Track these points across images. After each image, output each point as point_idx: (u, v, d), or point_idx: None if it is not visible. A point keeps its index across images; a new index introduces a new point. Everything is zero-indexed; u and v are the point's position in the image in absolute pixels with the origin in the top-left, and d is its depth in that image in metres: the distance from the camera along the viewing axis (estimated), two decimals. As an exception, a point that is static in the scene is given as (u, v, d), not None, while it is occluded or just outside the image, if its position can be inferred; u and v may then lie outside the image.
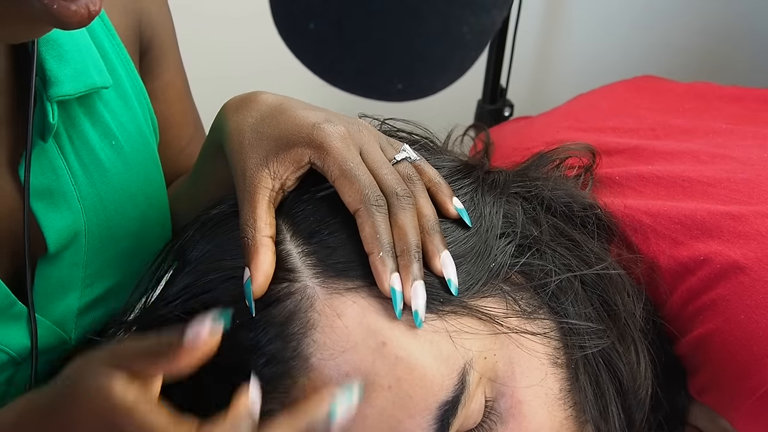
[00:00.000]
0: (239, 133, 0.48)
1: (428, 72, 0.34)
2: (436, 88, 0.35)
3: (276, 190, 0.45)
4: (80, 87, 0.49)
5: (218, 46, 1.02)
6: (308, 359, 0.42)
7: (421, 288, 0.42)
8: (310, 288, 0.43)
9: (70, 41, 0.49)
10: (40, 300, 0.49)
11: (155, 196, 0.58)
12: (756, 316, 0.46)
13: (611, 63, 1.21)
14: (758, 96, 0.68)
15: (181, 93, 0.67)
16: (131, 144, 0.55)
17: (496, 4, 0.32)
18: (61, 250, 0.49)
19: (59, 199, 0.49)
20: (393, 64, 0.33)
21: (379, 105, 0.38)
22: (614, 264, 0.51)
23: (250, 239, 0.43)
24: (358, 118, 0.50)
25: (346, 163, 0.44)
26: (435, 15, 0.31)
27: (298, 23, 0.32)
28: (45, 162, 0.48)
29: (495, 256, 0.46)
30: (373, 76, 0.33)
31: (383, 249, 0.42)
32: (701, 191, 0.53)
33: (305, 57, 0.34)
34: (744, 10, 1.21)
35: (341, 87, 0.34)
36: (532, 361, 0.45)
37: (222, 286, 0.45)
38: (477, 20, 0.32)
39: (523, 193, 0.52)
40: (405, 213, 0.43)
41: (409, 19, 0.31)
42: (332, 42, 0.32)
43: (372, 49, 0.32)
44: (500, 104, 1.08)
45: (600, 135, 0.63)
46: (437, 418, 0.41)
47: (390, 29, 0.31)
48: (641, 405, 0.49)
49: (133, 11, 0.58)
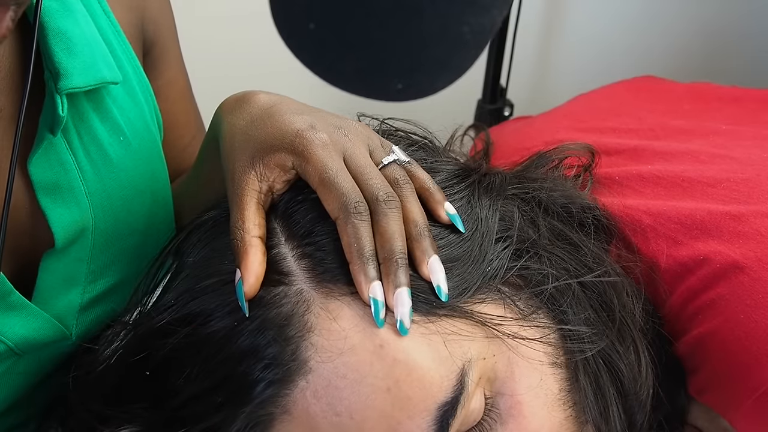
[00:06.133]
0: (231, 135, 0.48)
1: (428, 72, 0.34)
2: (436, 88, 0.35)
3: (264, 192, 0.45)
4: (90, 80, 0.49)
5: (218, 46, 1.02)
6: (307, 362, 0.41)
7: (404, 295, 0.41)
8: (305, 291, 0.43)
9: (79, 35, 0.48)
10: (42, 294, 0.49)
11: (161, 194, 0.58)
12: (756, 316, 0.46)
13: (611, 63, 1.21)
14: (758, 96, 0.68)
15: (183, 92, 0.67)
16: (139, 140, 0.55)
17: (495, 4, 0.32)
18: (67, 245, 0.49)
19: (67, 194, 0.49)
20: (393, 64, 0.33)
21: (379, 105, 0.38)
22: (613, 266, 0.51)
23: (239, 240, 0.43)
24: (351, 119, 0.50)
25: (325, 171, 0.44)
26: (435, 15, 0.31)
27: (299, 23, 0.32)
28: (53, 156, 0.48)
29: (491, 260, 0.46)
30: (373, 76, 0.33)
31: (363, 257, 0.42)
32: (701, 191, 0.53)
33: (305, 57, 0.34)
34: (744, 11, 1.21)
35: (341, 87, 0.34)
36: (532, 362, 0.45)
37: (218, 290, 0.45)
38: (477, 20, 0.32)
39: (521, 195, 0.52)
40: (387, 219, 0.43)
41: (409, 19, 0.31)
42: (332, 42, 0.32)
43: (372, 49, 0.32)
44: (500, 104, 1.08)
45: (600, 135, 0.63)
46: (437, 419, 0.41)
47: (390, 29, 0.31)
48: (642, 405, 0.49)
49: (136, 8, 0.58)
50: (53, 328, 0.50)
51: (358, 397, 0.41)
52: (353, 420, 0.41)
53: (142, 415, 0.47)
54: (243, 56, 1.04)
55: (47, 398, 0.54)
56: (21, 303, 0.48)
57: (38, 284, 0.49)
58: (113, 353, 0.50)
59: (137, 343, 0.47)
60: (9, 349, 0.48)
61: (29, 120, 0.47)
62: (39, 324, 0.49)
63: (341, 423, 0.41)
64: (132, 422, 0.48)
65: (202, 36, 0.87)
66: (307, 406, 0.41)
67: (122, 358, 0.49)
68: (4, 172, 0.46)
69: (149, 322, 0.47)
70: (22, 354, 0.49)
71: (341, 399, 0.41)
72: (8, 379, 0.50)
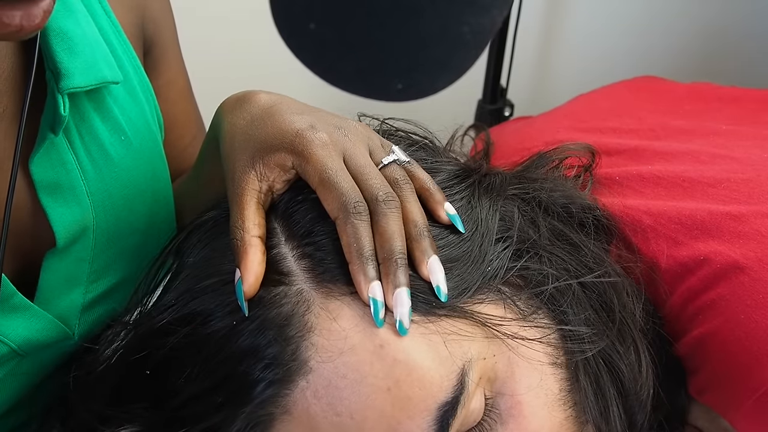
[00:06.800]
0: (231, 135, 0.48)
1: (428, 72, 0.34)
2: (437, 88, 0.35)
3: (264, 191, 0.45)
4: (91, 80, 0.49)
5: (218, 46, 1.02)
6: (307, 362, 0.41)
7: (403, 295, 0.41)
8: (305, 291, 0.43)
9: (80, 35, 0.48)
10: (44, 294, 0.49)
11: (162, 193, 0.58)
12: (756, 316, 0.46)
13: (611, 63, 1.21)
14: (758, 96, 0.68)
15: (183, 92, 0.67)
16: (139, 140, 0.55)
17: (495, 4, 0.32)
18: (69, 245, 0.49)
19: (68, 193, 0.49)
20: (393, 64, 0.33)
21: (379, 105, 0.38)
22: (613, 266, 0.51)
23: (238, 240, 0.43)
24: (351, 119, 0.50)
25: (325, 171, 0.44)
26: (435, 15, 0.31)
27: (299, 23, 0.32)
28: (54, 156, 0.48)
29: (491, 261, 0.46)
30: (373, 76, 0.33)
31: (363, 257, 0.42)
32: (701, 191, 0.53)
33: (305, 57, 0.34)
34: (744, 12, 1.21)
35: (341, 87, 0.34)
36: (532, 362, 0.44)
37: (219, 290, 0.45)
38: (477, 20, 0.32)
39: (521, 195, 0.52)
40: (387, 219, 0.43)
41: (410, 19, 0.31)
42: (332, 42, 0.32)
43: (372, 49, 0.32)
44: (500, 104, 1.08)
45: (600, 135, 0.63)
46: (437, 418, 0.41)
47: (390, 29, 0.31)
48: (642, 406, 0.49)
49: (136, 7, 0.58)
50: (56, 329, 0.50)
51: (358, 397, 0.41)
52: (353, 420, 0.41)
53: (143, 415, 0.47)
54: (243, 56, 1.04)
55: (49, 398, 0.54)
56: (23, 304, 0.48)
57: (40, 284, 0.49)
58: (114, 353, 0.50)
59: (138, 343, 0.47)
60: (12, 351, 0.48)
61: (30, 120, 0.47)
62: (42, 325, 0.49)
63: (341, 423, 0.41)
64: (132, 422, 0.48)
65: (202, 36, 0.87)
66: (308, 406, 0.41)
67: (123, 358, 0.49)
68: (5, 172, 0.46)
69: (149, 322, 0.47)
70: (25, 355, 0.49)
71: (341, 399, 0.41)
72: (11, 380, 0.50)
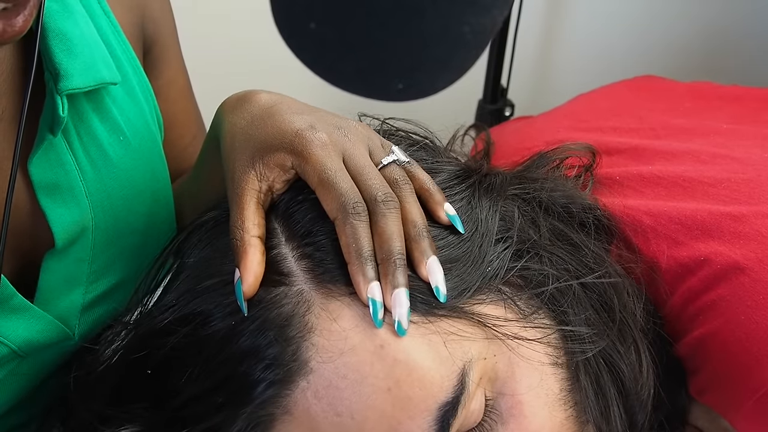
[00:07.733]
0: (231, 135, 0.48)
1: (429, 72, 0.34)
2: (437, 88, 0.35)
3: (263, 191, 0.45)
4: (89, 81, 0.49)
5: (219, 46, 1.02)
6: (308, 362, 0.41)
7: (402, 296, 0.41)
8: (306, 292, 0.43)
9: (79, 36, 0.49)
10: (44, 295, 0.49)
11: (162, 193, 0.58)
12: (756, 317, 0.46)
13: (612, 63, 1.21)
14: (759, 95, 0.68)
15: (183, 91, 0.67)
16: (139, 140, 0.55)
17: (496, 4, 0.32)
18: (68, 246, 0.49)
19: (67, 194, 0.49)
20: (393, 64, 0.33)
21: (379, 105, 0.38)
22: (614, 266, 0.51)
23: (238, 240, 0.43)
24: (351, 119, 0.50)
25: (324, 171, 0.44)
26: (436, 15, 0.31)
27: (299, 23, 0.32)
28: (53, 157, 0.48)
29: (490, 261, 0.46)
30: (373, 76, 0.33)
31: (361, 258, 0.42)
32: (702, 191, 0.53)
33: (306, 56, 0.34)
34: (744, 11, 1.21)
35: (341, 87, 0.34)
36: (532, 362, 0.44)
37: (219, 290, 0.45)
38: (477, 20, 0.32)
39: (521, 195, 0.52)
40: (386, 219, 0.43)
41: (410, 19, 0.31)
42: (333, 42, 0.32)
43: (372, 49, 0.32)
44: (501, 104, 1.08)
45: (600, 135, 0.63)
46: (437, 419, 0.41)
47: (391, 29, 0.31)
48: (643, 405, 0.49)
49: (136, 7, 0.58)
50: (56, 330, 0.50)
51: (358, 397, 0.41)
52: (354, 420, 0.41)
53: (143, 415, 0.47)
54: (244, 56, 1.04)
55: (49, 398, 0.54)
56: (23, 305, 0.48)
57: (40, 285, 0.49)
58: (114, 353, 0.50)
59: (138, 343, 0.47)
60: (12, 352, 0.48)
61: (29, 120, 0.47)
62: (42, 326, 0.49)
63: (342, 423, 0.41)
64: (133, 422, 0.48)
65: (202, 35, 0.87)
66: (308, 407, 0.41)
67: (123, 358, 0.49)
68: (5, 173, 0.46)
69: (150, 322, 0.47)
70: (25, 356, 0.49)
71: (342, 399, 0.41)
72: (11, 381, 0.50)
